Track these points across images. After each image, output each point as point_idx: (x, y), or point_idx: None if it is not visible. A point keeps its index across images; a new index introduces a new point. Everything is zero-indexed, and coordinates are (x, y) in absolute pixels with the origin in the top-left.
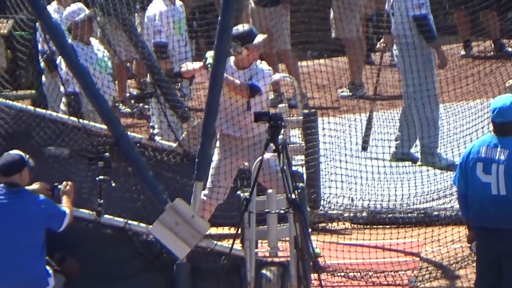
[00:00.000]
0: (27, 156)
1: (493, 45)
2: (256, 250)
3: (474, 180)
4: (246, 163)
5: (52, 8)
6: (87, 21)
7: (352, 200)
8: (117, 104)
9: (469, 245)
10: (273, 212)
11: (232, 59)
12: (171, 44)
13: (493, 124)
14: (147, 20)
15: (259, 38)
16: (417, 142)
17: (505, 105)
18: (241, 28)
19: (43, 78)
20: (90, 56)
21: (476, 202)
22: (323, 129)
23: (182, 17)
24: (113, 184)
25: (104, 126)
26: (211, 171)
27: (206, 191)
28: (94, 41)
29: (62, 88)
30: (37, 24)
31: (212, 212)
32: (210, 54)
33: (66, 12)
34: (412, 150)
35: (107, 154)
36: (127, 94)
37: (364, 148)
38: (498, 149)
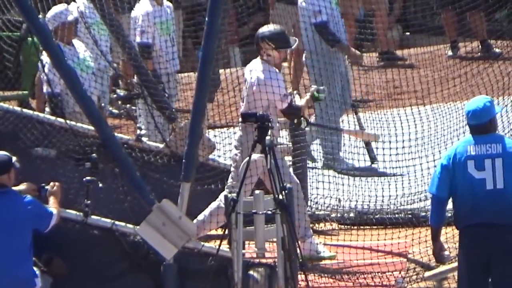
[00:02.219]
0: (14, 157)
1: (480, 46)
2: (243, 251)
3: (466, 178)
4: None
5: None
6: (71, 23)
7: (340, 200)
8: (103, 104)
9: (438, 256)
10: (260, 213)
11: (259, 62)
12: (158, 44)
13: (469, 126)
14: (132, 20)
15: (292, 41)
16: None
17: (479, 107)
18: (272, 29)
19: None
20: (72, 58)
21: (467, 200)
22: (311, 130)
23: (170, 18)
24: (100, 185)
25: (91, 127)
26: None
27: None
28: (77, 43)
29: (45, 89)
30: (23, 24)
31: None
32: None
33: (53, 12)
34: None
35: (94, 155)
36: (114, 95)
37: (373, 159)
38: (488, 145)
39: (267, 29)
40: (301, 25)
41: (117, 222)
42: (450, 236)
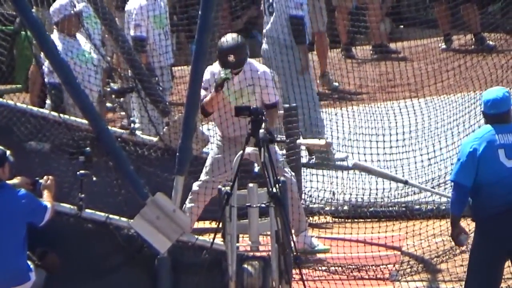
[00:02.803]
0: (8, 151)
1: (474, 39)
2: (237, 244)
3: (497, 168)
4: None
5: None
6: (75, 16)
7: (334, 194)
8: (104, 98)
9: (456, 239)
10: (254, 206)
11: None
12: (152, 38)
13: (487, 115)
14: (127, 14)
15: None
16: None
17: (499, 96)
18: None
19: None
20: (73, 49)
21: (499, 189)
22: (304, 124)
23: (163, 12)
24: (94, 179)
25: (85, 121)
26: (209, 166)
27: (199, 183)
28: (80, 36)
29: (46, 79)
30: (17, 19)
31: (202, 207)
32: (223, 74)
33: (57, 5)
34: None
35: (88, 148)
36: (108, 89)
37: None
38: (511, 134)
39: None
40: (275, 7)
41: (111, 216)
42: (444, 229)
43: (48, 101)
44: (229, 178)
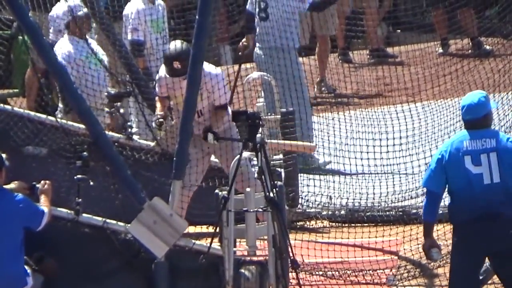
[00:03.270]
0: (3, 155)
1: (470, 43)
2: (234, 249)
3: (463, 174)
4: (216, 160)
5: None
6: (86, 17)
7: (331, 198)
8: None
9: (428, 253)
10: (251, 210)
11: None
12: (149, 42)
13: (464, 121)
14: (124, 18)
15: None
16: None
17: (474, 102)
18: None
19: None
20: (84, 51)
21: (465, 196)
22: (301, 128)
23: (161, 16)
24: (91, 183)
25: (82, 125)
26: None
27: None
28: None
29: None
30: (14, 23)
31: (185, 209)
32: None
33: (64, 8)
34: None
35: (85, 153)
36: (105, 93)
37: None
38: (483, 140)
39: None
40: (270, 12)
41: (108, 220)
42: (441, 233)
43: (60, 105)
44: (198, 177)
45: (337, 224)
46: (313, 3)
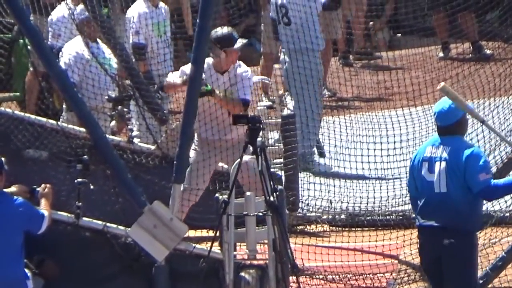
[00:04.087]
0: (4, 159)
1: (471, 47)
2: (234, 252)
3: (421, 180)
4: (225, 166)
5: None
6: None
7: (331, 202)
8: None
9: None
10: (251, 214)
11: (210, 61)
12: (150, 46)
13: (436, 127)
14: (127, 21)
15: (239, 42)
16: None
17: (444, 109)
18: (220, 31)
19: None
20: (97, 53)
21: (421, 202)
22: (302, 131)
23: (162, 20)
24: (92, 187)
25: (82, 129)
26: (187, 173)
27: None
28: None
29: None
30: (15, 26)
31: (186, 212)
32: (188, 70)
33: (78, 9)
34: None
35: (85, 156)
36: (106, 97)
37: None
38: (441, 147)
39: (214, 31)
40: (291, 15)
41: (108, 224)
42: None
43: (64, 105)
44: (205, 186)
45: (337, 228)
46: (325, 3)
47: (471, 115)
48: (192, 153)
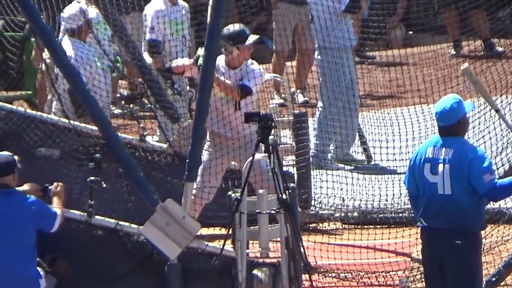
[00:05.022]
0: (16, 157)
1: (483, 45)
2: (247, 250)
3: (423, 181)
4: (236, 163)
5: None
6: (86, 24)
7: (343, 200)
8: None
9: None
10: (264, 212)
11: (223, 58)
12: (167, 43)
13: (438, 127)
14: (144, 18)
15: (251, 38)
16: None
17: (446, 109)
18: (232, 28)
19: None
20: (83, 54)
21: (423, 203)
22: (314, 129)
23: (179, 17)
24: (104, 185)
25: (94, 127)
26: (200, 170)
27: (194, 191)
28: (90, 41)
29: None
30: (26, 25)
31: (199, 211)
32: (202, 52)
33: (68, 13)
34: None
35: (98, 155)
36: (118, 95)
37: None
38: (444, 149)
39: (226, 28)
40: (313, 13)
41: (121, 222)
42: None
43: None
44: (218, 184)
45: (349, 226)
46: (348, 5)
47: (487, 101)
48: (204, 153)
